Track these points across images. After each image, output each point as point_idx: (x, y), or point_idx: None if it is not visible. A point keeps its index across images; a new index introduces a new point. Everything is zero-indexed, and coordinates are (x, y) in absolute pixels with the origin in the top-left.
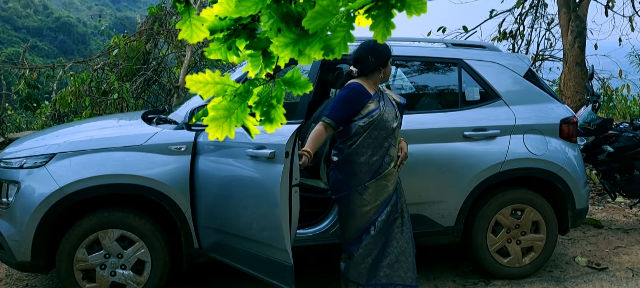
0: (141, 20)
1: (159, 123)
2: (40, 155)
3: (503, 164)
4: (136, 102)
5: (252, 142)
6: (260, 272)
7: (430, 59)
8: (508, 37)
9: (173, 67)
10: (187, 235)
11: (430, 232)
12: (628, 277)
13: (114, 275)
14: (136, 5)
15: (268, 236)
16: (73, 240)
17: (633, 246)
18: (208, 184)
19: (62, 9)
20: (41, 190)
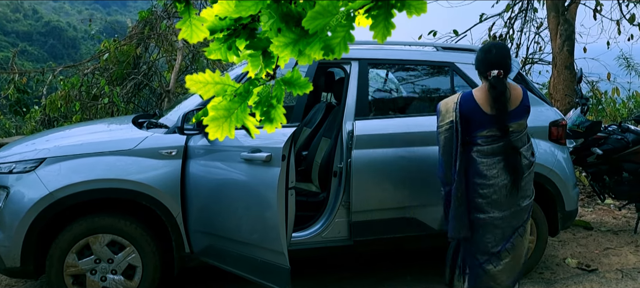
0: (132, 24)
1: (150, 127)
2: (29, 160)
3: None
4: (126, 107)
5: (247, 146)
6: (256, 275)
7: (422, 62)
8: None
9: (164, 71)
10: (178, 240)
11: (422, 235)
12: (617, 278)
13: (104, 280)
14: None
15: (263, 239)
16: (63, 245)
17: (622, 247)
18: (200, 188)
19: (52, 13)
20: (31, 195)
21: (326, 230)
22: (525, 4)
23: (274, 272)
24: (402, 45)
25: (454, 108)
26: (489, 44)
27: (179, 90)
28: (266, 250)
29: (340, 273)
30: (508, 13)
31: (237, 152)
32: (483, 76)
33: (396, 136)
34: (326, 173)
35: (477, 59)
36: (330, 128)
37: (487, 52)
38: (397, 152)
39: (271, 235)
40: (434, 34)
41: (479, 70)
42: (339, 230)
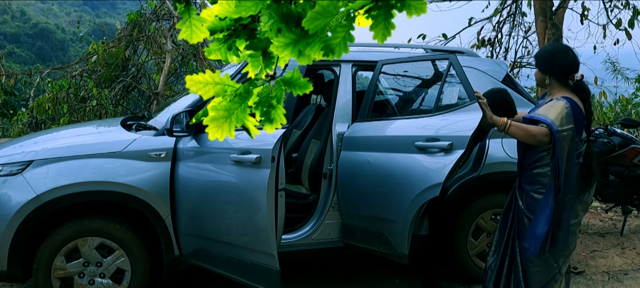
0: (121, 27)
1: (139, 129)
2: (16, 163)
3: (481, 169)
4: (115, 109)
5: (236, 147)
6: (245, 277)
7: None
8: (486, 44)
9: (153, 74)
10: (168, 243)
11: None
12: (604, 280)
13: (92, 283)
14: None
15: (253, 241)
16: (51, 248)
17: (609, 250)
18: (189, 190)
19: (40, 14)
20: (18, 198)
21: (316, 232)
22: (514, 8)
23: (263, 274)
24: (392, 48)
25: (568, 114)
26: (558, 46)
27: (168, 93)
28: (256, 252)
29: (328, 276)
30: (497, 17)
31: (227, 154)
32: (560, 80)
33: (389, 139)
34: (316, 175)
35: (551, 62)
36: (320, 130)
37: (564, 54)
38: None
39: (261, 237)
40: (423, 37)
41: (554, 73)
42: (329, 232)
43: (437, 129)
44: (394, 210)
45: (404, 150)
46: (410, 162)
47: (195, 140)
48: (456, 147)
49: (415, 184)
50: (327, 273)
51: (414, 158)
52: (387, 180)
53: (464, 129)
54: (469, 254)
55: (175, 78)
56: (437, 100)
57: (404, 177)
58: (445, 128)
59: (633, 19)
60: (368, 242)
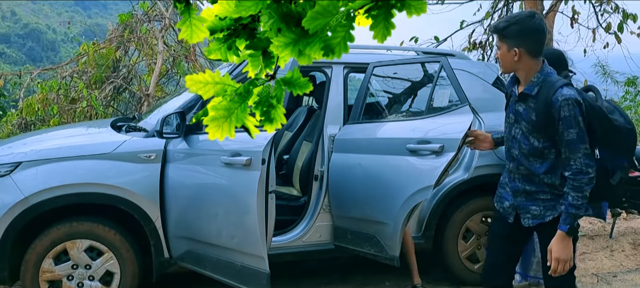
0: (112, 27)
1: (129, 131)
2: (5, 164)
3: (471, 171)
4: (105, 110)
5: (226, 149)
6: (235, 279)
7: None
8: (478, 47)
9: (144, 75)
10: (157, 245)
11: None
12: (593, 282)
13: (81, 286)
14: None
15: (243, 243)
16: (39, 251)
17: (598, 252)
18: (179, 192)
19: (31, 15)
20: (5, 199)
21: (307, 234)
22: (505, 11)
23: (253, 276)
24: (384, 50)
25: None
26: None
27: (159, 94)
28: (246, 255)
29: (318, 278)
30: (488, 20)
31: (217, 155)
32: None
33: (384, 140)
34: (307, 177)
35: (557, 57)
36: (312, 132)
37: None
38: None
39: (251, 239)
40: (416, 40)
41: (556, 66)
42: (320, 234)
43: (428, 132)
44: (385, 212)
45: (395, 152)
46: (402, 165)
47: (186, 141)
48: (447, 150)
49: (406, 186)
50: (317, 276)
51: (405, 160)
52: (379, 182)
53: (454, 131)
54: (459, 256)
55: (167, 79)
56: (428, 103)
57: (395, 179)
58: (436, 130)
59: (622, 23)
60: (359, 244)
